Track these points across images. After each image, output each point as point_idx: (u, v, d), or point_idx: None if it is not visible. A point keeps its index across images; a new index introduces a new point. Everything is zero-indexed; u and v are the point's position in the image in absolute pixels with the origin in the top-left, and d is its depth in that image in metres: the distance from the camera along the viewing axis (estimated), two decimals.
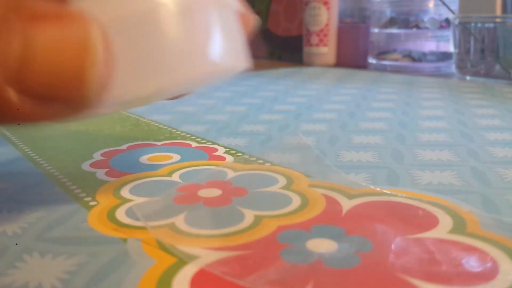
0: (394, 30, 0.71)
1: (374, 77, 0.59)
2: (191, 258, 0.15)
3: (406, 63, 0.68)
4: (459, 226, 0.17)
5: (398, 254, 0.15)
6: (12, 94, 0.12)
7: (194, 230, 0.16)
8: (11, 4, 0.12)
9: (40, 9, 0.12)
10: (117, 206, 0.19)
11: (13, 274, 0.14)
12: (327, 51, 0.77)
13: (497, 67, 0.56)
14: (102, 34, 0.12)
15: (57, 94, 0.12)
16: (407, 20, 0.70)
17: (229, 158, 0.25)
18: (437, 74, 0.65)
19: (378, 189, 0.20)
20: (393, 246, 0.15)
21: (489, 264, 0.14)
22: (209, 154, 0.26)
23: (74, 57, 0.12)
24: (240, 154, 0.26)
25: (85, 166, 0.24)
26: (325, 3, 0.76)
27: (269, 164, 0.24)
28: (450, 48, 0.66)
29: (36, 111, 0.12)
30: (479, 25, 0.58)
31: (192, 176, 0.22)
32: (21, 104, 0.12)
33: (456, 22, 0.60)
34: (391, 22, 0.71)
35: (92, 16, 0.12)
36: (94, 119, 0.36)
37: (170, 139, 0.29)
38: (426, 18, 0.69)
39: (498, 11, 0.62)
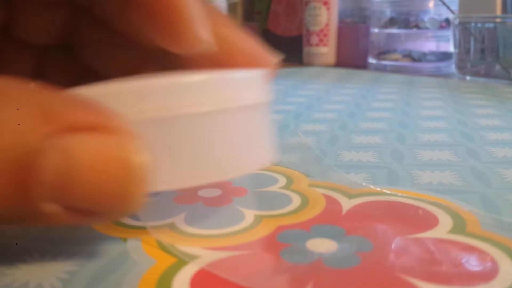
0: (394, 30, 0.71)
1: (374, 77, 0.59)
2: (191, 258, 0.15)
3: (406, 63, 0.68)
4: (459, 226, 0.17)
5: (398, 254, 0.15)
6: (54, 208, 0.11)
7: (194, 230, 0.16)
8: (42, 115, 0.11)
9: (76, 119, 0.11)
10: None
11: (13, 274, 0.14)
12: (327, 51, 0.77)
13: (497, 67, 0.56)
14: (140, 149, 0.12)
15: (100, 209, 0.12)
16: (407, 20, 0.70)
17: None
18: (437, 74, 0.65)
19: (378, 189, 0.20)
20: (393, 246, 0.15)
21: (489, 264, 0.14)
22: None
23: (116, 173, 0.11)
24: None
25: None
26: (325, 3, 0.76)
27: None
28: (450, 48, 0.66)
29: (75, 221, 0.12)
30: (479, 25, 0.58)
31: None
32: (62, 217, 0.12)
33: (456, 22, 0.60)
34: (391, 22, 0.71)
35: (127, 125, 0.12)
36: None
37: None
38: (426, 18, 0.69)
39: (498, 11, 0.62)
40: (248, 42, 0.18)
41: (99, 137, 0.11)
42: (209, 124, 0.14)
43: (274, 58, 0.18)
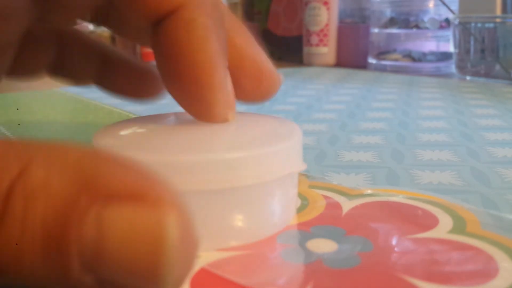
0: (394, 30, 0.71)
1: (374, 77, 0.59)
2: None
3: (406, 63, 0.68)
4: (459, 225, 0.17)
5: (398, 254, 0.15)
6: (89, 280, 0.11)
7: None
8: (83, 181, 0.11)
9: (115, 187, 0.11)
10: None
11: None
12: (327, 51, 0.77)
13: (497, 67, 0.56)
14: (181, 223, 0.11)
15: (133, 285, 0.11)
16: (407, 20, 0.70)
17: None
18: (437, 74, 0.65)
19: (378, 189, 0.20)
20: (393, 246, 0.15)
21: (489, 264, 0.14)
22: None
23: (147, 248, 0.10)
24: None
25: None
26: (325, 3, 0.76)
27: None
28: (450, 48, 0.66)
29: None
30: (479, 25, 0.58)
31: None
32: None
33: (456, 22, 0.60)
34: (391, 22, 0.71)
35: (174, 196, 0.11)
36: (95, 114, 0.36)
37: None
38: (426, 18, 0.69)
39: (498, 11, 0.62)
40: (259, 55, 0.19)
41: (135, 207, 0.10)
42: (250, 195, 0.15)
43: (279, 75, 0.19)
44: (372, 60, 0.72)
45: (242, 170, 0.15)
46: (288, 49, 0.87)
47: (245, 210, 0.15)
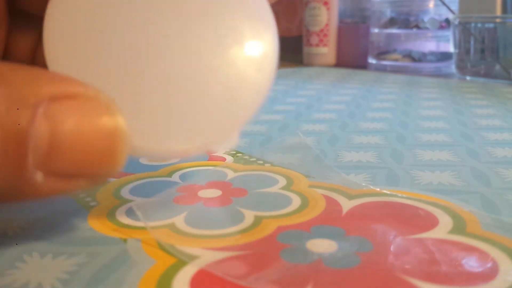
0: (394, 30, 0.71)
1: (374, 77, 0.59)
2: (191, 258, 0.15)
3: (406, 63, 0.68)
4: (459, 226, 0.17)
5: (398, 254, 0.15)
6: (38, 176, 0.12)
7: (194, 231, 0.16)
8: (29, 91, 0.12)
9: (57, 91, 0.12)
10: (117, 207, 0.19)
11: (13, 274, 0.14)
12: (327, 51, 0.77)
13: (497, 67, 0.56)
14: (123, 118, 0.13)
15: (83, 173, 0.13)
16: (407, 20, 0.70)
17: (229, 159, 0.25)
18: (437, 74, 0.65)
19: (378, 189, 0.20)
20: (393, 246, 0.15)
21: (489, 264, 0.14)
22: (209, 154, 0.26)
23: (104, 135, 0.12)
24: (240, 154, 0.26)
25: None
26: (325, 3, 0.76)
27: (269, 164, 0.24)
28: (450, 48, 0.66)
29: (58, 187, 0.13)
30: (479, 25, 0.58)
31: (192, 177, 0.22)
32: (45, 184, 0.12)
33: (456, 22, 0.60)
34: (391, 22, 0.71)
35: (107, 95, 0.13)
36: None
37: None
38: (426, 18, 0.69)
39: (498, 11, 0.62)
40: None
41: (81, 104, 0.12)
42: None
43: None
44: (372, 60, 0.72)
45: None
46: (288, 49, 0.87)
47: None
